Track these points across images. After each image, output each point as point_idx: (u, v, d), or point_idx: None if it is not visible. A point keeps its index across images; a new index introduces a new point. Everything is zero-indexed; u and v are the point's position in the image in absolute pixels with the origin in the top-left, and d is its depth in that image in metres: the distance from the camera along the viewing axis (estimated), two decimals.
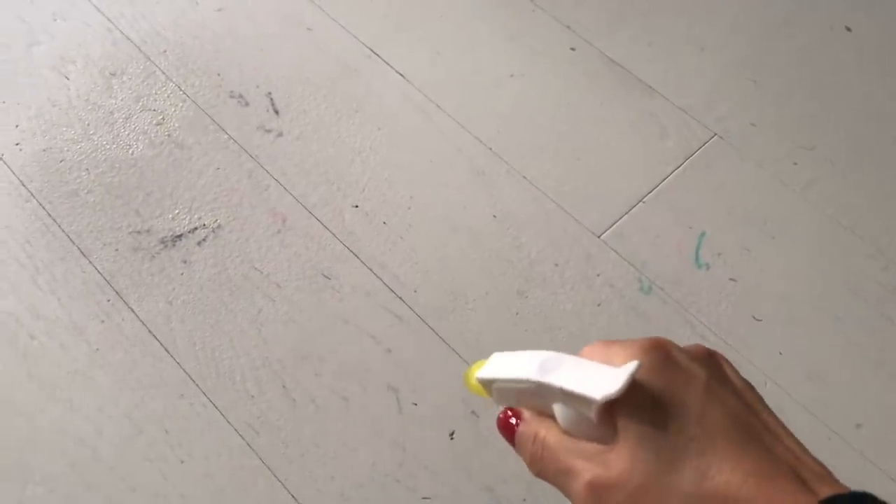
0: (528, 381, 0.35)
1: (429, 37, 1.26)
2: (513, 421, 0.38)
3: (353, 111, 1.18)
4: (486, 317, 1.03)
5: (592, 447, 0.33)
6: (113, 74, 1.22)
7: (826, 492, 0.29)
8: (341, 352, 1.01)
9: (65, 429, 0.96)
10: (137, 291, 1.05)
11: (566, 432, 0.34)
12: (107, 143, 1.16)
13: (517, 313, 1.03)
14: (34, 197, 1.11)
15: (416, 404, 0.97)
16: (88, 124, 1.17)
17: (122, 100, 1.20)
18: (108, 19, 1.28)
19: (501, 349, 0.41)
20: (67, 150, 1.15)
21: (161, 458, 0.94)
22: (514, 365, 0.37)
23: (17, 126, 1.17)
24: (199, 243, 1.07)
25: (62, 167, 1.14)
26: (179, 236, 1.08)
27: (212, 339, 1.01)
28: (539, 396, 0.36)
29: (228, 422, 0.96)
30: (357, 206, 1.10)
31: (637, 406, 0.32)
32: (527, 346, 0.99)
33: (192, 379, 0.99)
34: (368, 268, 1.06)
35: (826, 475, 0.31)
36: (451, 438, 0.96)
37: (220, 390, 0.98)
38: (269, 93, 1.20)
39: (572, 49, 1.25)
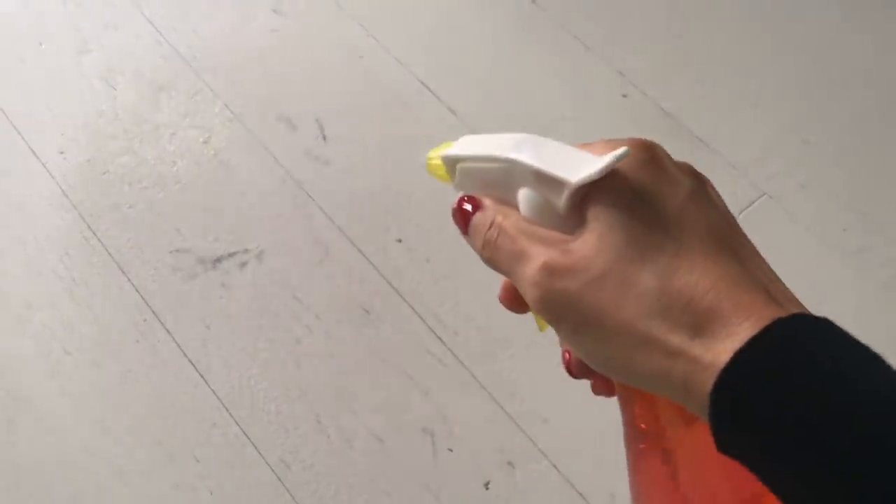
0: (498, 160, 0.32)
1: (481, 74, 1.25)
2: (468, 207, 0.34)
3: (402, 144, 1.17)
4: (527, 365, 1.01)
5: (555, 235, 0.30)
6: (161, 88, 1.21)
7: (795, 311, 0.27)
8: (378, 390, 0.99)
9: (93, 449, 0.94)
10: (174, 312, 1.03)
11: (528, 221, 0.31)
12: (151, 158, 1.15)
13: (558, 364, 1.01)
14: (75, 208, 1.10)
15: (451, 450, 0.96)
16: (133, 137, 1.16)
17: (168, 115, 1.19)
18: (160, 32, 1.27)
19: (541, 399, 0.39)
20: (111, 163, 1.14)
21: (190, 488, 0.92)
22: (485, 144, 0.34)
23: (62, 134, 1.16)
24: (240, 267, 1.06)
25: (105, 179, 1.13)
26: (220, 259, 1.07)
27: (248, 367, 1.00)
28: (506, 180, 0.32)
29: (261, 454, 0.94)
30: (401, 241, 1.09)
31: (615, 194, 0.29)
32: (567, 399, 0.98)
33: (225, 407, 0.97)
34: (410, 305, 1.04)
35: (796, 301, 0.29)
36: (486, 489, 0.94)
37: (253, 421, 0.96)
38: (318, 119, 1.19)
39: (624, 96, 1.24)
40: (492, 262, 0.32)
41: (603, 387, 0.37)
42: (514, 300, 0.36)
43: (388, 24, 1.29)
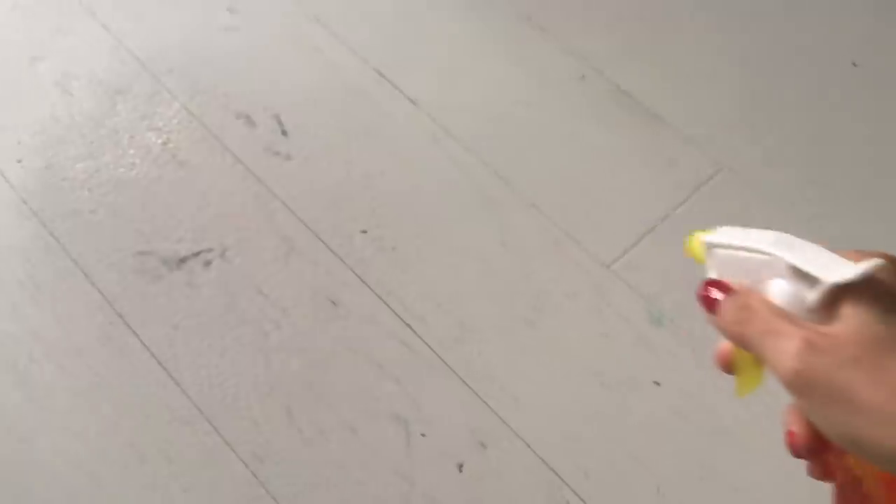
0: (759, 251, 0.36)
1: (438, 62, 1.26)
2: (716, 292, 0.37)
3: (363, 135, 1.17)
4: (496, 347, 1.02)
5: (806, 321, 0.33)
6: (118, 92, 1.21)
7: None
8: (349, 380, 0.99)
9: (65, 455, 0.94)
10: (141, 314, 1.03)
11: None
12: (111, 162, 1.14)
13: (526, 343, 1.02)
14: (35, 215, 1.09)
15: (424, 435, 0.96)
16: (92, 142, 1.16)
17: (126, 118, 1.18)
18: (114, 36, 1.26)
19: (510, 379, 0.41)
20: (70, 169, 1.13)
21: (163, 487, 0.92)
22: (746, 236, 0.38)
23: (19, 142, 1.16)
24: (204, 266, 1.06)
25: (64, 185, 1.12)
26: (184, 259, 1.06)
27: (217, 365, 0.99)
28: (759, 270, 0.36)
29: (233, 450, 0.94)
30: (365, 232, 1.09)
31: (872, 296, 0.32)
32: (536, 377, 0.99)
33: (196, 405, 0.97)
34: (377, 294, 1.05)
35: None
36: (460, 471, 0.94)
37: (225, 418, 0.96)
38: (278, 115, 1.19)
39: (582, 77, 1.25)
40: (742, 336, 0.35)
41: (821, 471, 0.39)
42: (728, 363, 0.40)
43: (344, 17, 1.29)
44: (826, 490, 0.42)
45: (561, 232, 1.10)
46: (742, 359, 0.39)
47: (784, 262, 0.34)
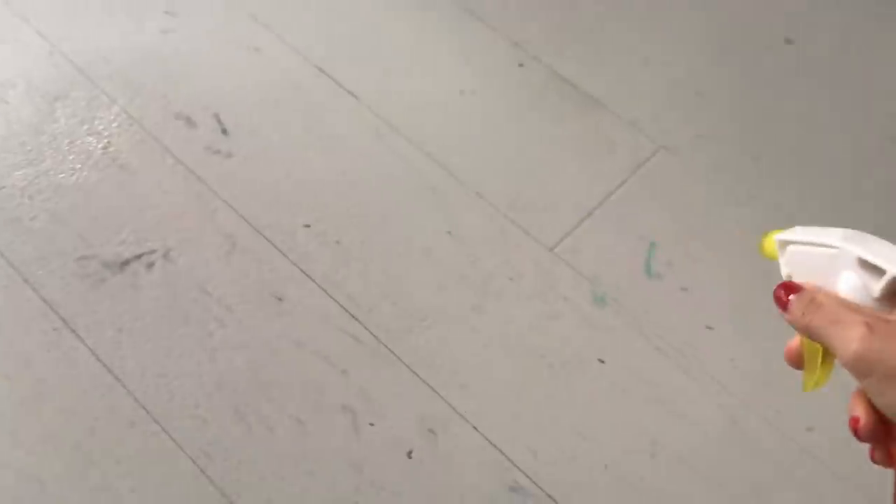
0: (829, 246, 0.39)
1: (378, 55, 1.26)
2: (786, 295, 0.41)
3: (304, 131, 1.18)
4: (443, 334, 1.02)
5: (870, 311, 0.37)
6: (56, 98, 1.20)
7: None
8: (295, 374, 0.99)
9: (9, 463, 0.93)
10: (85, 319, 1.02)
11: (844, 299, 0.38)
12: (51, 169, 1.13)
13: (473, 329, 1.03)
14: None
15: (372, 424, 0.97)
16: (31, 150, 1.15)
17: (65, 124, 1.18)
18: (50, 43, 1.25)
19: (458, 365, 0.43)
20: (8, 177, 1.12)
21: (111, 489, 0.92)
22: (817, 232, 0.41)
23: None
24: (147, 268, 1.06)
25: (3, 194, 1.11)
26: (127, 261, 1.06)
27: (163, 365, 0.99)
28: (829, 263, 0.39)
29: (181, 448, 0.94)
30: (309, 226, 1.10)
31: None
32: (484, 362, 1.00)
33: (142, 406, 0.96)
34: (322, 288, 1.05)
35: None
36: (409, 458, 0.95)
37: (172, 417, 0.96)
38: (217, 114, 1.19)
39: (520, 65, 1.26)
40: (809, 327, 0.39)
41: (883, 457, 0.41)
42: (796, 358, 0.44)
43: (282, 14, 1.29)
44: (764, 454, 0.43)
45: (505, 219, 1.11)
46: (811, 353, 0.42)
47: (852, 255, 0.37)
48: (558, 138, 1.19)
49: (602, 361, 1.01)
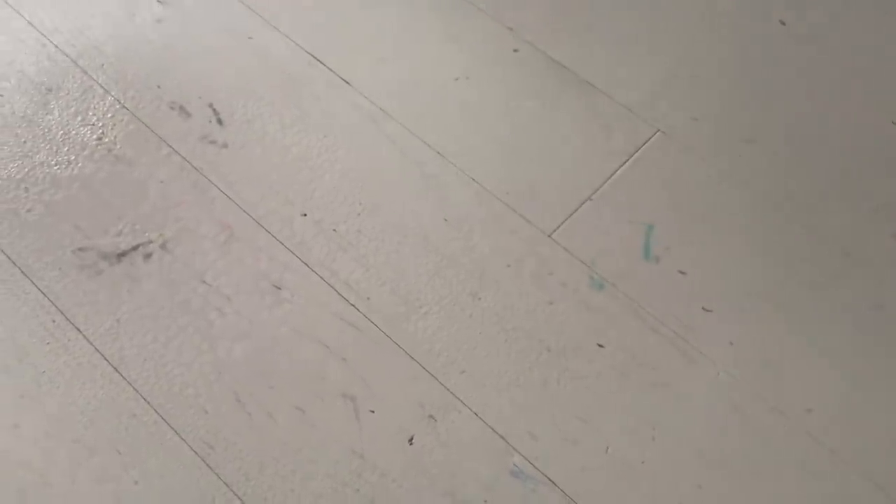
0: None
1: (372, 42, 1.26)
2: None
3: (298, 119, 1.17)
4: (441, 320, 1.03)
5: None
6: (49, 90, 1.19)
7: None
8: (295, 362, 0.99)
9: (12, 455, 0.93)
10: (83, 310, 1.02)
11: None
12: (46, 160, 1.13)
13: (471, 315, 1.03)
14: None
15: (373, 411, 0.97)
16: (25, 141, 1.15)
17: (59, 116, 1.17)
18: (43, 34, 1.25)
19: (457, 352, 0.42)
20: (4, 169, 1.12)
21: (114, 480, 0.92)
22: None
23: None
24: (145, 259, 1.05)
25: None
26: (125, 252, 1.06)
27: (163, 356, 0.99)
28: None
29: (182, 439, 0.94)
30: (305, 215, 1.09)
31: None
32: (482, 348, 1.00)
33: (143, 397, 0.97)
34: (320, 276, 1.05)
35: None
36: (410, 444, 0.95)
37: (172, 407, 0.96)
38: (212, 103, 1.18)
39: (515, 50, 1.25)
40: None
41: None
42: None
43: (274, 2, 1.28)
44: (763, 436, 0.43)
45: (502, 204, 1.11)
46: None
47: None
48: (554, 123, 1.19)
49: (601, 346, 1.01)
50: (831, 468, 0.94)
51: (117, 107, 1.18)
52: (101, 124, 1.16)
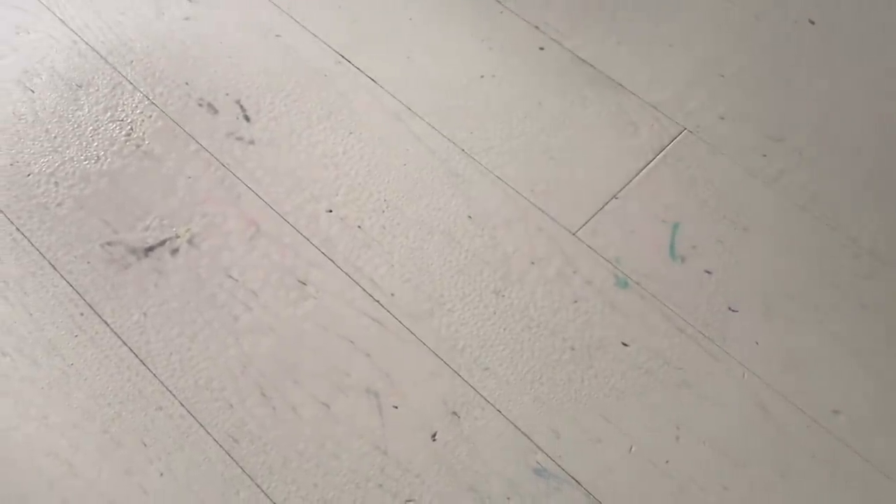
0: None
1: (398, 41, 1.26)
2: None
3: (325, 117, 1.18)
4: (464, 318, 1.03)
5: None
6: (79, 86, 1.21)
7: None
8: (320, 357, 1.00)
9: (40, 446, 0.94)
10: (111, 304, 1.03)
11: None
12: (75, 156, 1.14)
13: (495, 313, 1.03)
14: (1, 212, 1.10)
15: (396, 407, 0.97)
16: (55, 137, 1.16)
17: (89, 111, 1.18)
18: (73, 31, 1.26)
19: (480, 349, 0.41)
20: (35, 164, 1.14)
21: (140, 472, 0.93)
22: None
23: None
24: (172, 253, 1.06)
25: (30, 181, 1.12)
26: (152, 247, 1.07)
27: (189, 350, 1.00)
28: None
29: (208, 432, 0.95)
30: (331, 211, 1.10)
31: None
32: (506, 345, 1.00)
33: (169, 390, 0.97)
34: (345, 272, 1.05)
35: None
36: (434, 440, 0.95)
37: (198, 400, 0.97)
38: (239, 100, 1.19)
39: (541, 49, 1.25)
40: None
41: None
42: None
43: (302, 1, 1.29)
44: (789, 437, 0.43)
45: (527, 202, 1.11)
46: None
47: None
48: (580, 121, 1.18)
49: (625, 345, 1.01)
50: (859, 470, 0.93)
51: (146, 103, 1.19)
52: (129, 120, 1.18)
